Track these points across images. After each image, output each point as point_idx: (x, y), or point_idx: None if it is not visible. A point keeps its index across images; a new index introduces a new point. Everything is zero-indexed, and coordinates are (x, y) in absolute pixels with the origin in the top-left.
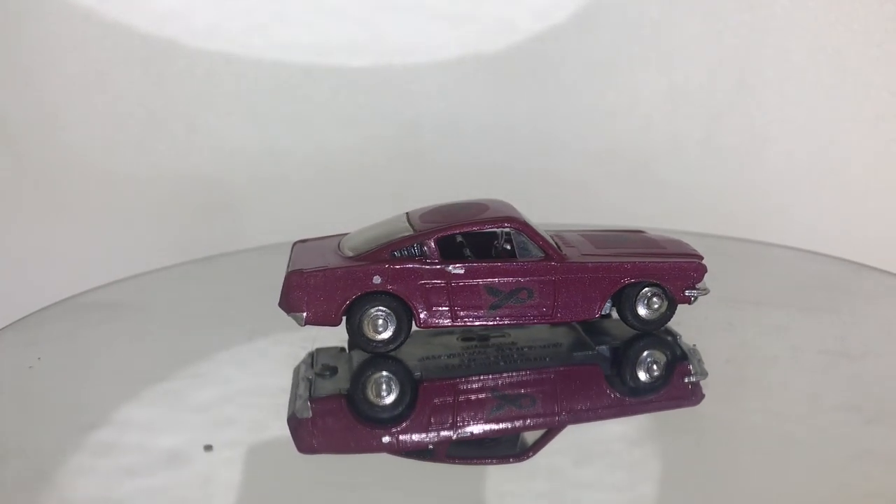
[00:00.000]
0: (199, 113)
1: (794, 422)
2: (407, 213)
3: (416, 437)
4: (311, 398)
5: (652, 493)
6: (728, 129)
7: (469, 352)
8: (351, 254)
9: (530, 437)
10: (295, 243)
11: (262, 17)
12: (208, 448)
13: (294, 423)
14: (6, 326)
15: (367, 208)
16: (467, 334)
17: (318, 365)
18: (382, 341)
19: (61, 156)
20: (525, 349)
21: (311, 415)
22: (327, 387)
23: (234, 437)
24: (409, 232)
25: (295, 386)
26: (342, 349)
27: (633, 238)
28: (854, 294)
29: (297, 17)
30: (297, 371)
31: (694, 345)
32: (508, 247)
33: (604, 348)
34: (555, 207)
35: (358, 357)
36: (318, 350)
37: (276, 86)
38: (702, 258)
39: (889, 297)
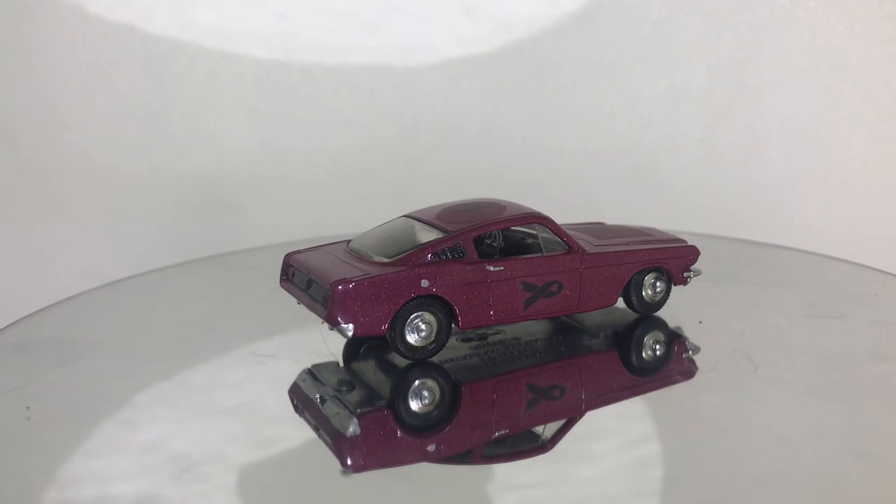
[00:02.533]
0: (199, 113)
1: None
2: (411, 216)
3: (469, 439)
4: (356, 414)
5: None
6: (728, 129)
7: (480, 351)
8: (385, 259)
9: (558, 423)
10: (289, 255)
11: (262, 18)
12: (345, 472)
13: (342, 441)
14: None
15: (367, 208)
16: (465, 335)
17: (333, 381)
18: (426, 346)
19: (62, 155)
20: (533, 342)
21: (359, 431)
22: (361, 401)
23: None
24: (434, 232)
25: (305, 405)
26: (336, 364)
27: (616, 229)
28: (853, 294)
29: (298, 17)
30: (295, 391)
31: (700, 322)
32: (504, 244)
33: (607, 334)
34: (555, 207)
35: (365, 370)
36: (316, 367)
37: (276, 86)
38: (685, 241)
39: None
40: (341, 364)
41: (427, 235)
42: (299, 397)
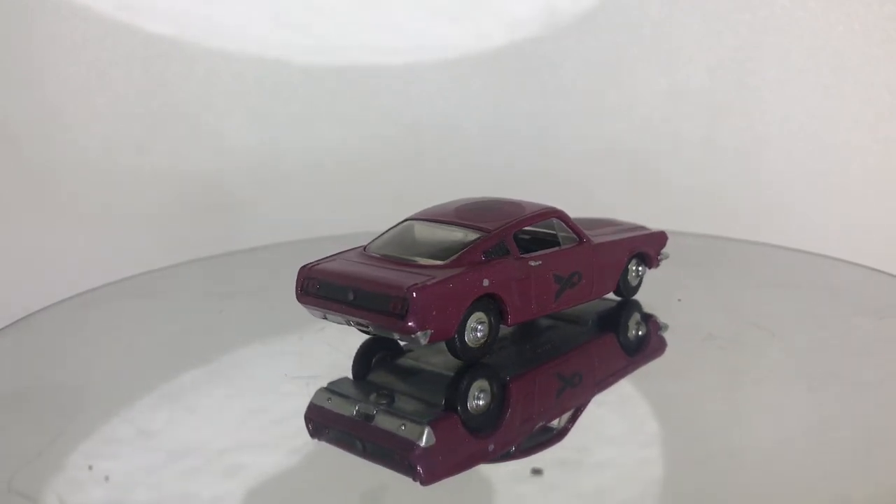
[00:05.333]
0: (199, 113)
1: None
2: (419, 217)
3: (519, 434)
4: (426, 423)
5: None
6: (728, 129)
7: (493, 348)
8: (436, 261)
9: (570, 410)
10: (307, 267)
11: (262, 18)
12: (537, 472)
13: (417, 453)
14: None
15: (367, 208)
16: None
17: (365, 395)
18: (482, 345)
19: (62, 156)
20: (535, 338)
21: (434, 441)
22: (416, 410)
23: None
24: (470, 232)
25: (337, 424)
26: (349, 378)
27: (590, 221)
28: (854, 294)
29: (297, 17)
30: (315, 412)
31: (679, 300)
32: None
33: (594, 320)
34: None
35: (388, 380)
36: (332, 384)
37: (276, 86)
38: (648, 228)
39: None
40: (352, 377)
41: (463, 235)
42: (323, 418)
